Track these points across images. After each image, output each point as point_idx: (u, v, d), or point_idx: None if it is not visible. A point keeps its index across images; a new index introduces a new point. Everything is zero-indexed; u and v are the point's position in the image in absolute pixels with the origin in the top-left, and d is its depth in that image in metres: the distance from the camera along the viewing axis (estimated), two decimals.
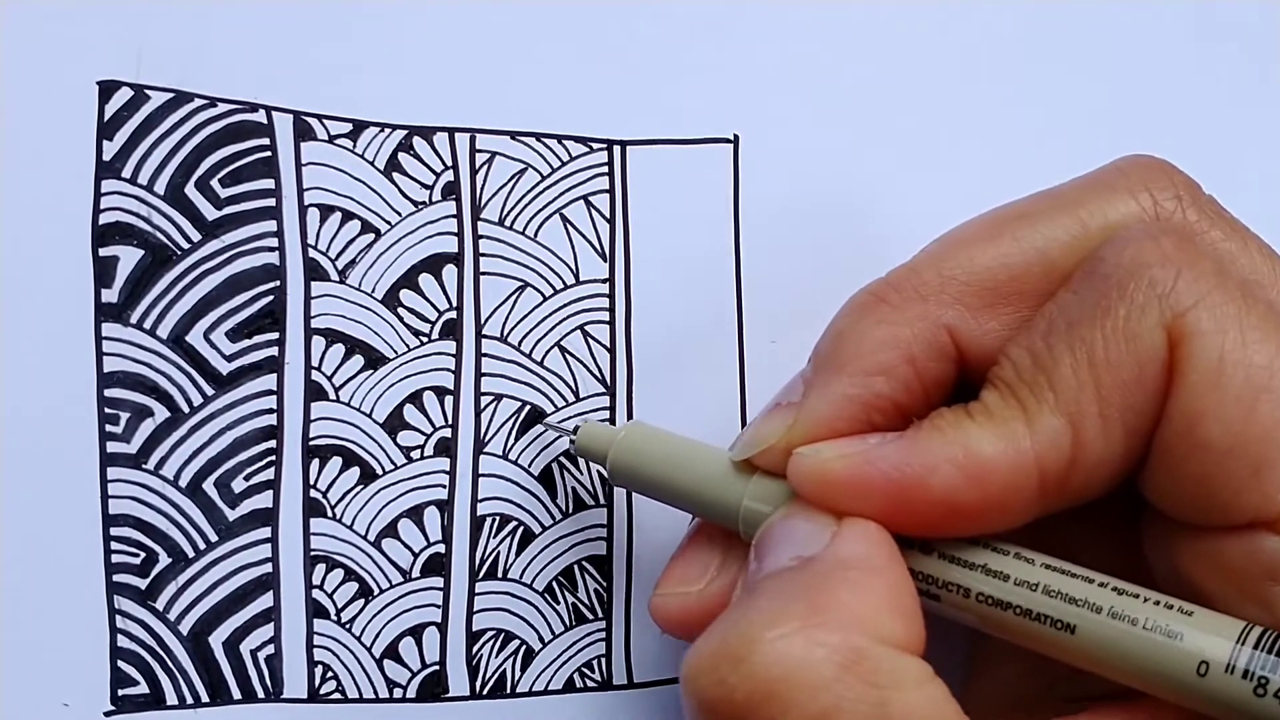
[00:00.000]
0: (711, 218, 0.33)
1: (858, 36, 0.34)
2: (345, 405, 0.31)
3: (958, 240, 0.27)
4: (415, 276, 0.32)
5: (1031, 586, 0.25)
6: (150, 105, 0.31)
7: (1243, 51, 0.35)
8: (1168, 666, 0.23)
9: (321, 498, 0.31)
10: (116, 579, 0.30)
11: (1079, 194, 0.27)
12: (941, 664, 0.23)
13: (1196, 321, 0.24)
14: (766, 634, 0.22)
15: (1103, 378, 0.24)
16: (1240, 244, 0.26)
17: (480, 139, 0.32)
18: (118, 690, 0.30)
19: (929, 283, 0.26)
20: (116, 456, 0.30)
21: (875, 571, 0.24)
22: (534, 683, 0.32)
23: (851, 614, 0.23)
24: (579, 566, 0.32)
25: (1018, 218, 0.27)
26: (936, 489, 0.24)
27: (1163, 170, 0.27)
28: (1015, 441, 0.24)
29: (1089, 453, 0.24)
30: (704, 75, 0.33)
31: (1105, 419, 0.24)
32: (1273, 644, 0.23)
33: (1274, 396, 0.23)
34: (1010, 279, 0.26)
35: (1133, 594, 0.24)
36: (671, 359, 0.33)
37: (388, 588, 0.31)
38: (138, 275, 0.30)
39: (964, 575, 0.25)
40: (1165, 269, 0.24)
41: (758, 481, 0.27)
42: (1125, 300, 0.24)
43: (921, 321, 0.26)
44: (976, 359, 0.26)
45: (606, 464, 0.29)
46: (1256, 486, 0.23)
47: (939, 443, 0.24)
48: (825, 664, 0.22)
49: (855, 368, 0.26)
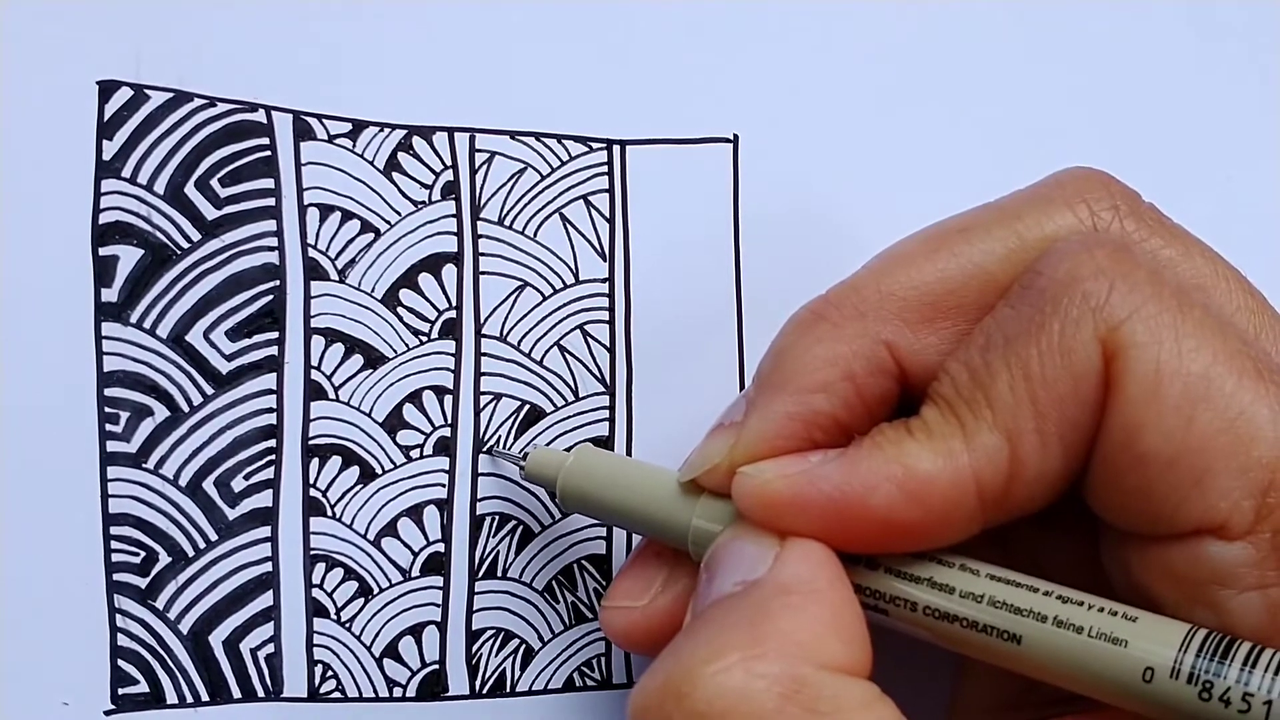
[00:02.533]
0: (711, 217, 0.33)
1: (857, 37, 0.34)
2: (345, 404, 0.31)
3: (897, 256, 0.27)
4: (415, 276, 0.32)
5: (977, 598, 0.25)
6: (150, 105, 0.31)
7: (1241, 53, 0.35)
8: (1113, 673, 0.23)
9: (321, 497, 0.31)
10: (117, 578, 0.30)
11: (1017, 207, 0.27)
12: (932, 670, 0.23)
13: (1131, 333, 0.23)
14: (707, 668, 0.22)
15: (1039, 393, 0.24)
16: (1181, 249, 0.26)
17: (480, 139, 0.32)
18: (118, 689, 0.30)
19: (868, 299, 0.26)
20: (116, 455, 0.30)
21: (817, 594, 0.24)
22: (534, 682, 0.32)
23: (792, 642, 0.23)
24: (578, 566, 0.32)
25: (956, 232, 0.26)
26: (876, 507, 0.24)
27: (1100, 181, 0.27)
28: (953, 459, 0.24)
29: (1027, 468, 0.24)
30: (704, 75, 0.33)
31: (1042, 434, 0.24)
32: (1215, 648, 0.23)
33: (1211, 405, 0.23)
34: (949, 293, 0.26)
35: (1078, 602, 0.24)
36: (671, 358, 0.33)
37: (387, 587, 0.31)
38: (138, 275, 0.30)
39: (910, 589, 0.25)
40: (1099, 281, 0.24)
41: (705, 502, 0.27)
42: (1059, 315, 0.24)
43: (861, 338, 0.26)
44: (917, 374, 0.26)
45: (556, 489, 0.29)
46: (1199, 496, 0.23)
47: (879, 460, 0.24)
48: (765, 695, 0.22)
49: (795, 386, 0.26)
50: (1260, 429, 0.23)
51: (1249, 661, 0.23)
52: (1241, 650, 0.23)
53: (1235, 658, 0.23)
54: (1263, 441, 0.23)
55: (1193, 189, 0.27)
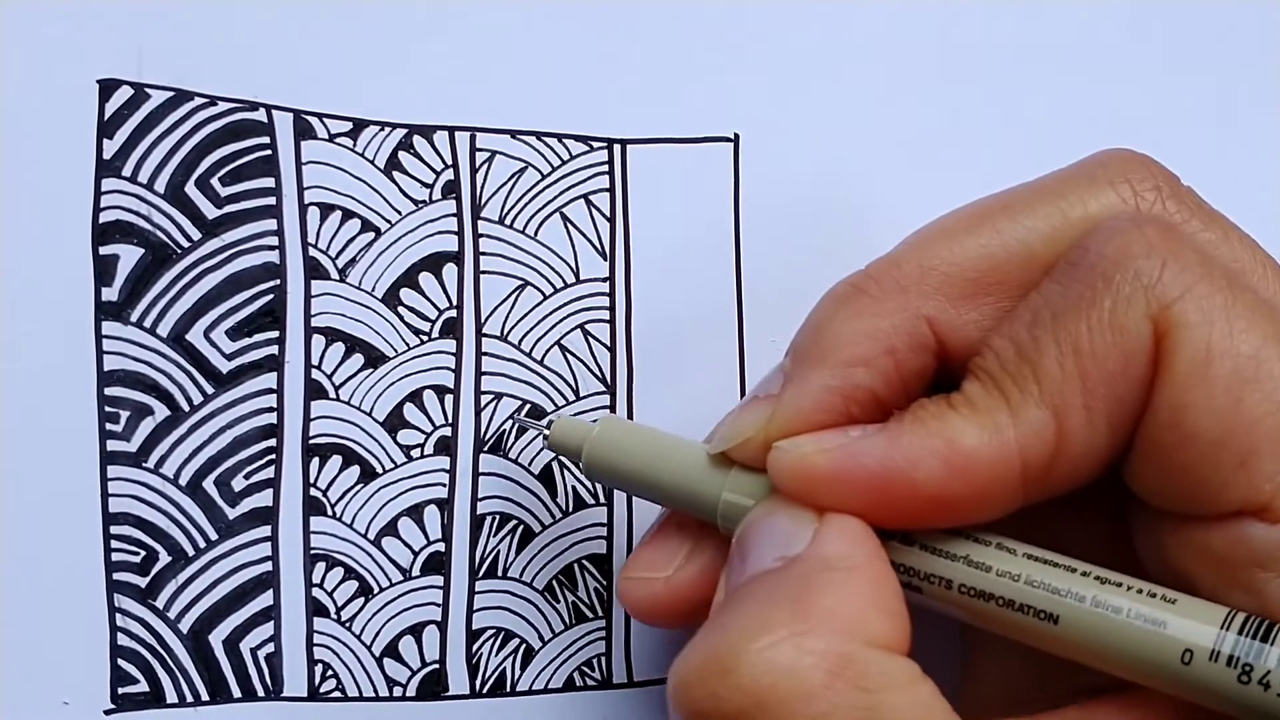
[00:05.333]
0: (712, 216, 0.33)
1: (858, 36, 0.34)
2: (345, 404, 0.31)
3: (938, 231, 0.27)
4: (415, 275, 0.32)
5: (1014, 577, 0.24)
6: (150, 104, 0.31)
7: (1240, 53, 0.35)
8: (1152, 655, 0.23)
9: (321, 496, 0.31)
10: (117, 577, 0.30)
11: (1060, 185, 0.26)
12: (936, 662, 0.23)
13: (1183, 313, 0.23)
14: (754, 644, 0.22)
15: (1088, 369, 0.24)
16: (1220, 234, 0.26)
17: (480, 138, 0.32)
18: (118, 688, 0.30)
19: (909, 274, 0.26)
20: (117, 455, 0.30)
21: (858, 571, 0.24)
22: (534, 681, 0.32)
23: (837, 618, 0.23)
24: (579, 565, 0.32)
25: (999, 209, 0.26)
26: (920, 482, 0.24)
27: (1142, 163, 0.27)
28: (999, 433, 0.24)
29: (1073, 444, 0.24)
30: (704, 74, 0.33)
31: (1090, 410, 0.24)
32: (1256, 630, 0.23)
33: (1261, 386, 0.23)
34: (991, 269, 0.26)
35: (1115, 583, 0.24)
36: (672, 357, 0.33)
37: (387, 586, 0.31)
38: (138, 274, 0.30)
39: (946, 567, 0.25)
40: (1151, 260, 0.24)
41: (736, 475, 0.27)
42: (1111, 291, 0.24)
43: (901, 313, 0.26)
44: (956, 350, 0.26)
45: (581, 458, 0.29)
46: (1243, 476, 0.23)
47: (921, 435, 0.24)
48: (814, 671, 0.22)
49: (834, 359, 0.26)
50: None
51: None
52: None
53: (1276, 641, 0.23)
54: None
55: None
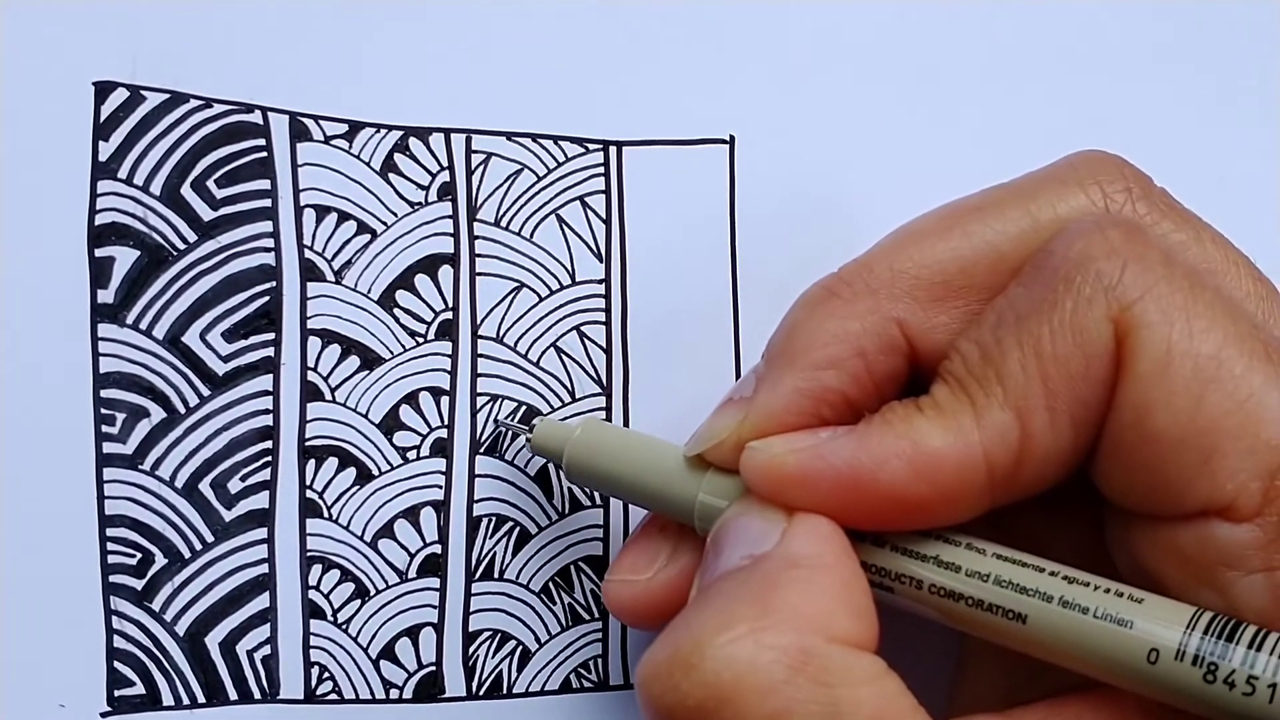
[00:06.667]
0: (707, 218, 0.33)
1: (853, 38, 0.34)
2: (341, 406, 0.31)
3: (910, 234, 0.27)
4: (411, 277, 0.32)
5: (983, 577, 0.25)
6: (146, 106, 0.31)
7: (1238, 53, 0.36)
8: (1118, 654, 0.23)
9: (318, 498, 0.31)
10: (113, 579, 0.30)
11: (1030, 187, 0.27)
12: (932, 659, 0.23)
13: (1143, 313, 0.24)
14: (716, 639, 0.22)
15: (1050, 371, 0.24)
16: (1193, 234, 0.26)
17: (476, 140, 0.32)
18: (114, 691, 0.30)
19: (880, 276, 0.26)
20: (112, 457, 0.30)
21: (825, 569, 0.24)
22: (530, 683, 0.32)
23: (800, 614, 0.23)
24: (575, 567, 0.32)
25: (969, 211, 0.27)
26: (885, 483, 0.24)
27: (1114, 164, 0.27)
28: (963, 435, 0.24)
29: (1037, 446, 0.24)
30: (700, 76, 0.33)
31: (1053, 412, 0.24)
32: (1221, 630, 0.23)
33: (1221, 386, 0.23)
34: (961, 272, 0.26)
35: (1083, 582, 0.24)
36: (667, 359, 0.33)
37: (384, 588, 0.31)
38: (134, 276, 0.30)
39: (916, 567, 0.25)
40: (1111, 261, 0.24)
41: (712, 477, 0.27)
42: (1072, 293, 0.24)
43: (872, 315, 0.26)
44: (927, 353, 0.26)
45: (562, 461, 0.29)
46: (1207, 476, 0.23)
47: (889, 437, 0.25)
48: (775, 666, 0.22)
49: (806, 361, 0.26)
50: (1269, 411, 0.23)
51: (1254, 644, 0.23)
52: (1247, 633, 0.23)
53: (1240, 640, 0.23)
54: (1271, 424, 0.23)
55: (1190, 188, 0.27)
